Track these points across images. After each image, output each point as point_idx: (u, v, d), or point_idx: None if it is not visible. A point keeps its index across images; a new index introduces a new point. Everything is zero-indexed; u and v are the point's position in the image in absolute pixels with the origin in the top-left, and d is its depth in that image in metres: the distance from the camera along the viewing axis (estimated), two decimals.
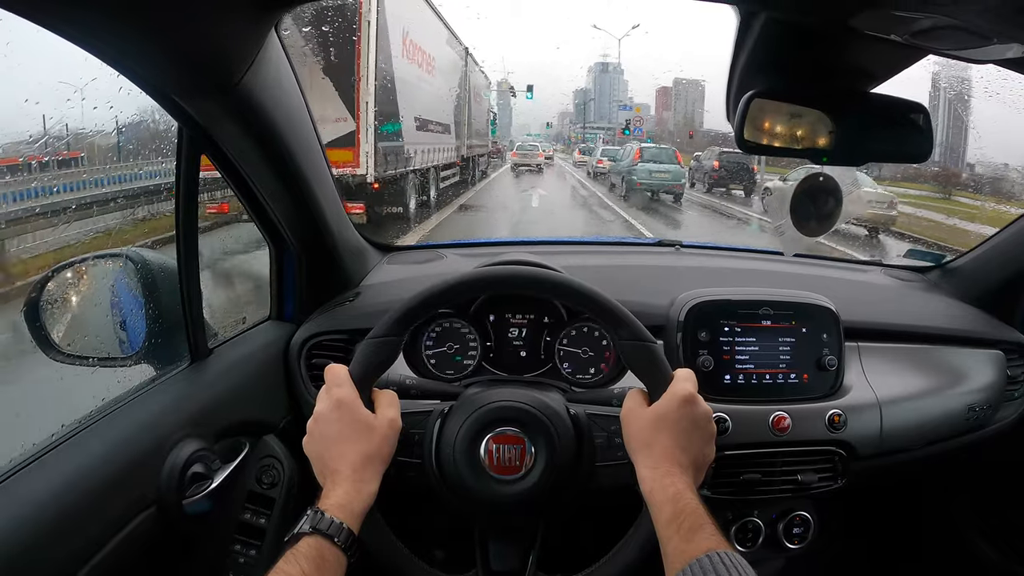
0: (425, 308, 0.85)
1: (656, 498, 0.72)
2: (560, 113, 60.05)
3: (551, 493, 0.83)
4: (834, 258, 1.75)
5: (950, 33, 0.68)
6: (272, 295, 1.19)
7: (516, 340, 1.09)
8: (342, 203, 1.21)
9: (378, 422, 0.78)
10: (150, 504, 0.78)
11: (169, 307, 0.98)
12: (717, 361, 1.13)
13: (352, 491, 0.73)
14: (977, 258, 1.48)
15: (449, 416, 0.86)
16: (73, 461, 0.73)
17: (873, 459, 1.15)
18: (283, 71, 0.90)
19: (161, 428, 0.83)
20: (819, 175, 1.03)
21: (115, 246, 1.08)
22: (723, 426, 1.07)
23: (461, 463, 0.83)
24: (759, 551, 1.17)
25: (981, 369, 1.29)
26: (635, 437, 0.78)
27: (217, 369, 0.98)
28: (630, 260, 1.67)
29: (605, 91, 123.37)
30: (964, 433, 1.24)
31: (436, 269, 1.44)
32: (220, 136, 0.88)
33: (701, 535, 0.66)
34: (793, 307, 1.16)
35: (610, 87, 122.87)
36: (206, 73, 0.75)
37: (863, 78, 0.89)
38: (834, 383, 1.16)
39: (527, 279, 0.90)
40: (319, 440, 0.77)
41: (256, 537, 0.99)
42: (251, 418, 1.02)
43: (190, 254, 0.92)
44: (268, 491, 1.00)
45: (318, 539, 0.68)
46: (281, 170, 0.98)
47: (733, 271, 1.54)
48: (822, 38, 0.79)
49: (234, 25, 0.73)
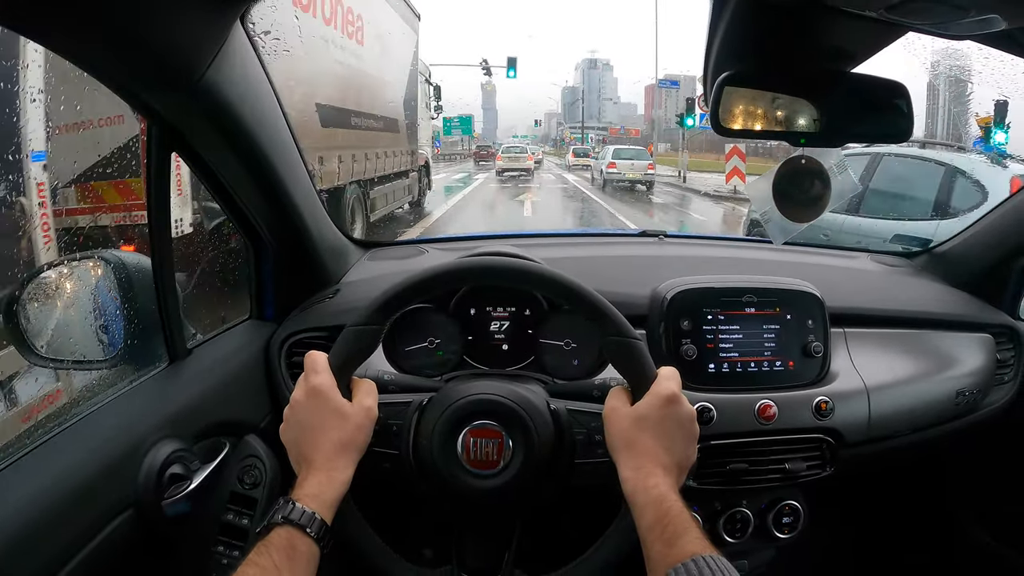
0: (406, 297, 0.84)
1: (639, 500, 0.71)
2: (547, 113, 59.23)
3: (529, 489, 0.82)
4: (820, 245, 1.74)
5: (927, 6, 0.66)
6: (251, 294, 1.18)
7: (497, 333, 1.08)
8: (320, 199, 1.19)
9: (354, 410, 0.77)
10: (128, 506, 0.77)
11: (147, 308, 0.97)
12: (701, 350, 1.12)
13: (324, 480, 0.72)
14: (964, 242, 1.47)
15: (427, 408, 0.85)
16: (47, 465, 0.72)
17: (861, 446, 1.14)
18: (250, 64, 0.88)
19: (138, 430, 0.82)
20: (801, 157, 1.02)
21: None
22: (708, 416, 1.06)
23: (438, 456, 0.81)
24: (749, 542, 1.16)
25: (970, 353, 1.28)
26: (617, 437, 0.77)
27: (196, 369, 0.97)
28: (613, 251, 1.66)
29: (594, 88, 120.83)
30: (954, 418, 1.24)
31: (417, 264, 1.43)
32: (189, 132, 0.87)
33: (685, 539, 0.65)
34: (777, 294, 1.15)
35: (599, 84, 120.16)
36: (169, 67, 0.74)
37: (841, 58, 0.87)
38: (820, 370, 1.15)
39: (509, 271, 0.88)
40: (294, 427, 0.77)
41: (239, 538, 0.97)
42: (232, 418, 1.01)
43: (164, 254, 0.91)
44: (250, 491, 0.99)
45: (289, 529, 0.67)
46: (254, 166, 0.97)
47: (717, 259, 1.53)
48: (798, 17, 0.77)
49: (195, 17, 0.71)
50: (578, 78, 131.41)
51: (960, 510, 1.48)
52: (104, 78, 0.74)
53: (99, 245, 2.65)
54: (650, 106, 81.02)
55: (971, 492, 1.46)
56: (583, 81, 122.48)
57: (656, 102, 69.07)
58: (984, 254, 1.42)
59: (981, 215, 1.44)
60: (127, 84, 0.77)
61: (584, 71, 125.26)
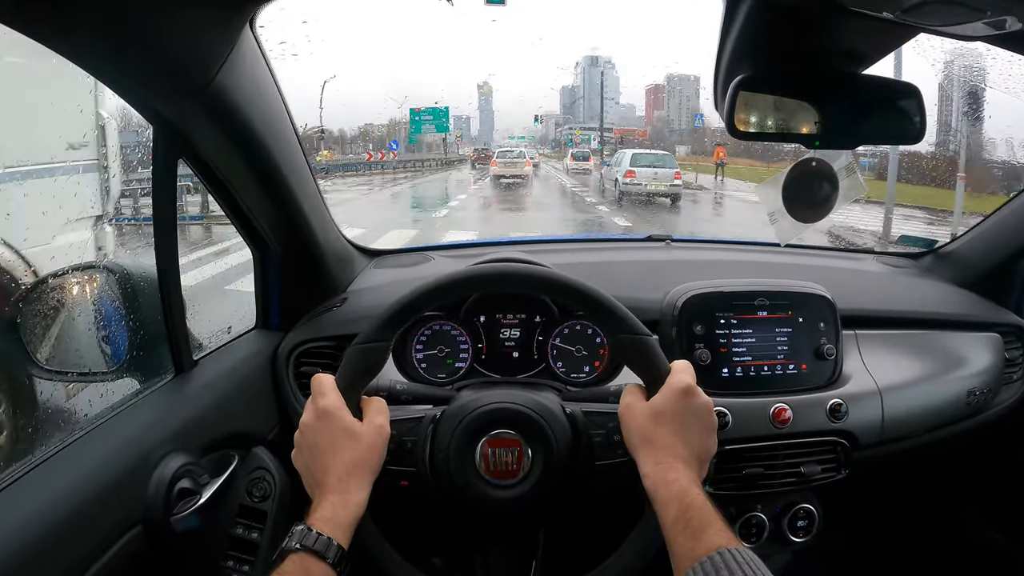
0: (411, 310, 0.82)
1: (660, 495, 0.70)
2: (545, 114, 58.61)
3: (551, 495, 0.81)
4: (826, 247, 1.74)
5: (942, 7, 0.66)
6: (257, 303, 1.17)
7: (508, 341, 1.07)
8: (325, 206, 1.18)
9: (364, 430, 0.75)
10: (136, 522, 0.76)
11: (151, 319, 0.95)
12: (714, 354, 1.11)
13: (338, 503, 0.71)
14: (969, 242, 1.48)
15: (441, 421, 0.84)
16: (54, 481, 0.70)
17: (875, 447, 1.14)
18: (259, 70, 0.87)
19: (145, 444, 0.80)
20: (811, 160, 1.02)
21: None
22: (723, 420, 1.05)
23: (456, 469, 0.80)
24: (764, 546, 1.15)
25: (979, 353, 1.28)
26: (635, 433, 0.76)
27: (202, 381, 0.96)
28: (621, 256, 1.65)
29: (596, 87, 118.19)
30: (965, 418, 1.24)
31: (424, 271, 1.42)
32: (196, 138, 0.85)
33: (710, 532, 0.64)
34: (789, 297, 1.15)
35: (602, 83, 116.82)
36: (177, 73, 0.73)
37: (854, 60, 0.87)
38: (833, 372, 1.15)
39: (517, 276, 0.87)
40: (305, 452, 0.75)
41: (249, 552, 0.96)
42: (239, 430, 0.99)
43: (170, 263, 0.90)
44: (260, 504, 0.97)
45: (304, 556, 0.65)
46: (261, 172, 0.96)
47: (725, 263, 1.53)
48: (811, 19, 0.77)
49: (204, 23, 0.70)
50: (578, 77, 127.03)
51: (971, 509, 1.47)
52: (114, 84, 0.73)
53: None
54: (651, 107, 79.49)
55: (981, 491, 1.46)
56: (584, 79, 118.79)
57: (665, 102, 67.56)
58: (989, 254, 1.42)
59: (986, 215, 1.44)
60: (137, 90, 0.76)
61: (585, 69, 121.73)
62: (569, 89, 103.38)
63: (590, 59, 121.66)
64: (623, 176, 14.35)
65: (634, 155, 15.35)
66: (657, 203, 13.97)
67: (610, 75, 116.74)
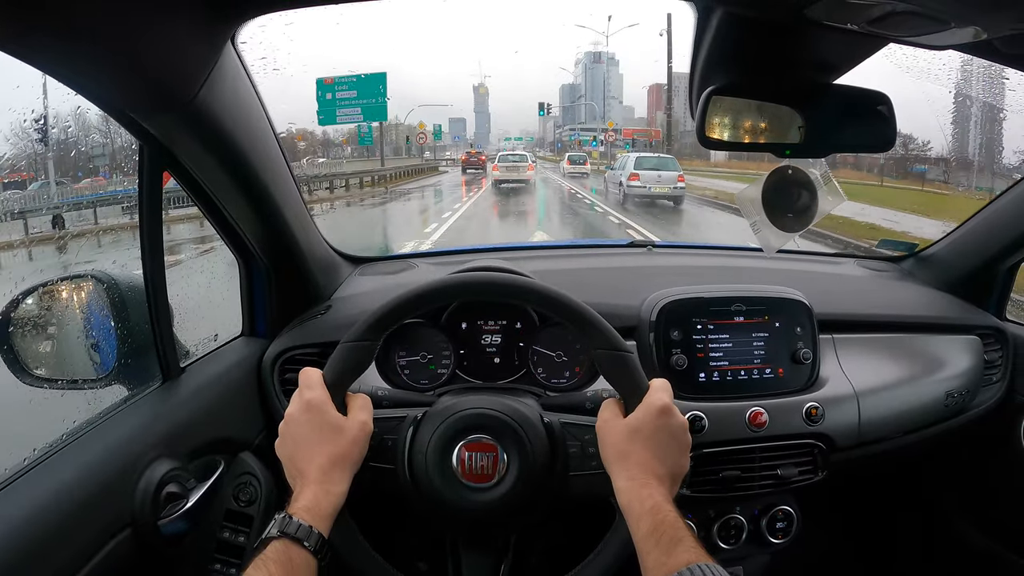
0: (399, 313, 0.85)
1: (634, 510, 0.71)
2: (542, 116, 57.46)
3: (523, 501, 0.83)
4: (806, 252, 1.76)
5: (907, 19, 0.68)
6: (243, 311, 1.18)
7: (489, 347, 1.08)
8: (310, 215, 1.20)
9: (348, 424, 0.78)
10: (125, 526, 0.77)
11: (139, 327, 0.97)
12: (691, 360, 1.13)
13: (320, 493, 0.73)
14: (949, 245, 1.49)
15: (422, 423, 0.86)
16: (43, 486, 0.72)
17: (852, 450, 1.15)
18: (241, 85, 0.89)
19: (133, 449, 0.82)
20: (787, 168, 1.03)
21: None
22: (699, 424, 1.07)
23: (433, 470, 0.82)
24: (743, 547, 1.17)
25: (958, 355, 1.30)
26: (611, 448, 0.77)
27: (189, 387, 0.98)
28: (601, 262, 1.67)
29: (598, 86, 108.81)
30: (944, 419, 1.25)
31: (408, 279, 1.44)
32: (181, 152, 0.87)
33: (681, 548, 0.66)
34: (765, 302, 1.17)
35: (604, 82, 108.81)
36: (161, 88, 0.74)
37: (825, 70, 0.89)
38: (810, 376, 1.16)
39: (500, 286, 0.89)
40: (289, 442, 0.78)
41: (236, 555, 0.97)
42: (226, 435, 1.01)
43: (157, 272, 0.92)
44: (246, 508, 0.99)
45: (286, 542, 0.68)
46: (245, 185, 0.97)
47: (706, 269, 1.55)
48: (780, 31, 0.78)
49: (188, 38, 0.72)
50: (579, 75, 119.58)
51: (952, 510, 1.49)
52: (98, 101, 0.74)
53: None
54: (654, 108, 77.00)
55: (962, 492, 1.48)
56: (585, 78, 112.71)
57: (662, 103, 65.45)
58: (969, 257, 1.43)
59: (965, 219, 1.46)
60: (121, 106, 0.77)
61: (586, 66, 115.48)
62: (569, 88, 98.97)
63: (592, 55, 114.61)
64: (627, 179, 14.84)
65: (638, 158, 15.93)
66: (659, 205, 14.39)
67: (613, 73, 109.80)
